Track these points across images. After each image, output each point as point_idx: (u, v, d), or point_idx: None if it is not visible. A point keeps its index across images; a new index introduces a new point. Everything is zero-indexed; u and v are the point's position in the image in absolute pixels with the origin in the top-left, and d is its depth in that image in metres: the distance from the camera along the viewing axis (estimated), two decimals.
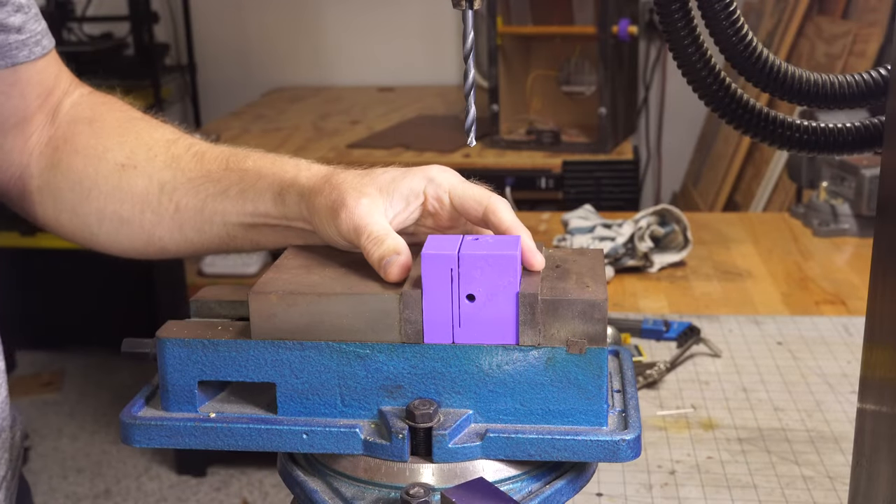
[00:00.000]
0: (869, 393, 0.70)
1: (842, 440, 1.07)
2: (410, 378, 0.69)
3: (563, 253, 0.78)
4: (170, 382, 0.71)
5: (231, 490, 3.03)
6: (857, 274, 1.60)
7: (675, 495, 0.97)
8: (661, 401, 1.17)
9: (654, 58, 3.77)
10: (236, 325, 0.73)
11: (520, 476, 0.69)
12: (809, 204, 1.88)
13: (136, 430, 0.70)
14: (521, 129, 2.90)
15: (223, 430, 0.70)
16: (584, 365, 0.68)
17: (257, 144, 3.18)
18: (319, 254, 0.79)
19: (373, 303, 0.69)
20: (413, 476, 0.67)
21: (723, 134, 3.27)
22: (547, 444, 0.68)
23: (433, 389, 0.69)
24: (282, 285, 0.72)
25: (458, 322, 0.69)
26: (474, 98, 0.72)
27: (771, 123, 0.79)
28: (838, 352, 1.30)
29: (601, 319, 0.67)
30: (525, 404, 0.69)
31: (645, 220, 1.59)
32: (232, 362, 0.70)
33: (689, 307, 1.47)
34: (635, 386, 0.75)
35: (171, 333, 0.72)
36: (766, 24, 3.21)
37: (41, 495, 3.02)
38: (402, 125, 3.18)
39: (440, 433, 0.67)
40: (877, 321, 0.68)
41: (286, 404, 0.70)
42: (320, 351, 0.70)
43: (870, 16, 2.64)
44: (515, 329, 0.68)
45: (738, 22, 0.75)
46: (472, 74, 0.71)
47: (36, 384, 3.68)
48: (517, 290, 0.68)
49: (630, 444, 0.67)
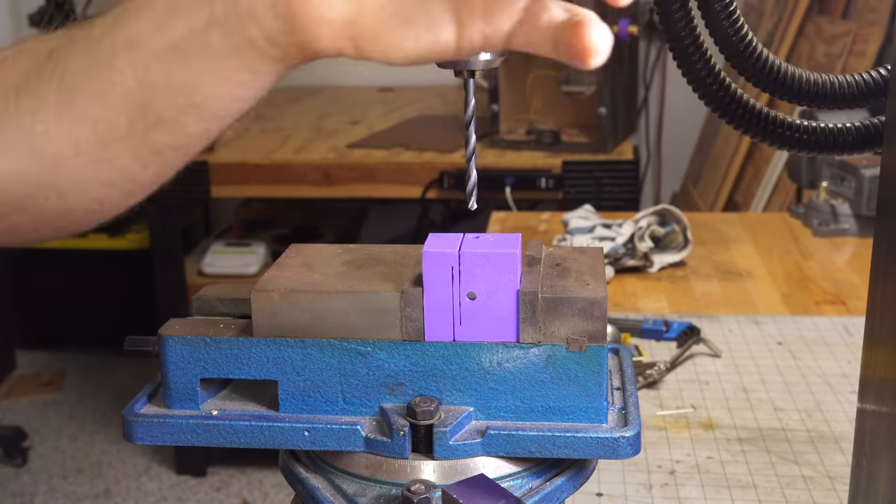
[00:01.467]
0: (869, 393, 0.70)
1: (842, 440, 1.07)
2: (411, 375, 0.70)
3: (563, 251, 0.78)
4: (172, 380, 0.71)
5: (231, 490, 3.03)
6: (857, 274, 1.60)
7: (675, 495, 0.98)
8: (661, 401, 1.17)
9: (654, 58, 3.77)
10: (238, 323, 0.73)
11: (520, 473, 0.69)
12: (809, 204, 1.88)
13: (139, 427, 0.71)
14: (521, 129, 2.90)
15: (225, 428, 0.70)
16: (584, 362, 0.68)
17: (257, 144, 3.17)
18: (321, 252, 0.79)
19: (374, 300, 0.70)
20: (414, 473, 0.68)
21: (723, 134, 3.27)
22: (547, 441, 0.68)
23: (434, 387, 0.70)
24: (283, 283, 0.72)
25: (458, 320, 0.69)
26: (475, 163, 0.72)
27: (771, 123, 0.80)
28: (838, 352, 1.30)
29: (601, 317, 0.68)
30: (525, 401, 0.69)
31: (645, 220, 1.59)
32: (234, 360, 0.71)
33: (689, 307, 1.47)
34: (635, 383, 0.76)
35: (174, 331, 0.72)
36: (766, 24, 3.21)
37: (41, 495, 3.02)
38: (402, 125, 3.18)
39: (441, 430, 0.67)
40: (877, 321, 0.68)
41: (288, 402, 0.71)
42: (322, 348, 0.70)
43: (870, 16, 2.65)
44: (516, 327, 0.68)
45: (738, 22, 0.75)
46: (473, 141, 0.71)
47: (36, 384, 3.68)
48: (517, 288, 0.68)
49: (630, 440, 0.68)
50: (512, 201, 2.65)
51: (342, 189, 2.76)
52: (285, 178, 2.79)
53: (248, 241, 3.30)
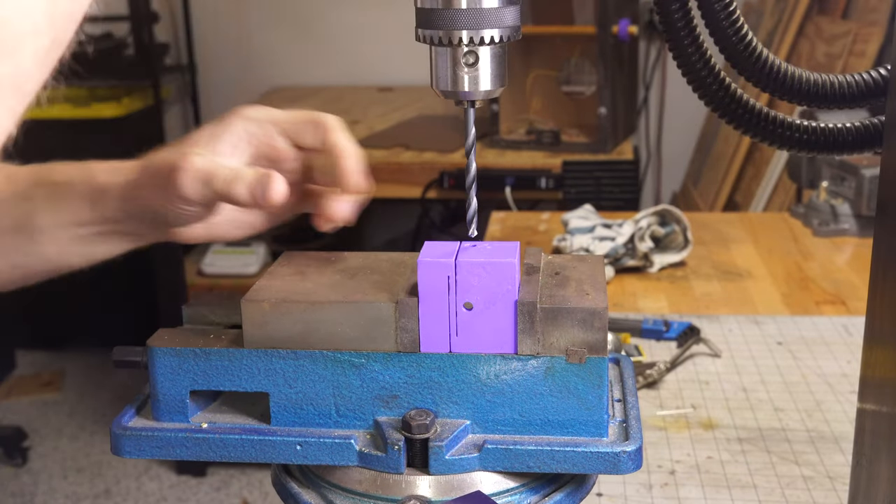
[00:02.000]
0: (869, 393, 0.70)
1: (842, 440, 1.06)
2: (406, 388, 0.68)
3: (563, 259, 0.76)
4: (161, 392, 0.70)
5: (231, 490, 3.02)
6: (857, 274, 1.59)
7: (675, 495, 0.97)
8: (661, 401, 1.16)
9: (654, 58, 3.76)
10: (229, 334, 0.72)
11: (518, 488, 0.68)
12: (809, 204, 1.87)
13: (127, 441, 0.69)
14: (521, 129, 2.89)
15: (215, 441, 0.69)
16: (584, 374, 0.67)
17: None
18: (314, 260, 0.78)
19: (368, 311, 0.68)
20: (409, 488, 0.66)
21: (723, 134, 3.26)
22: (546, 456, 0.66)
23: (430, 399, 0.68)
24: (275, 293, 0.70)
25: (455, 330, 0.67)
26: (476, 190, 0.71)
27: (771, 123, 0.79)
28: (838, 352, 1.29)
29: (601, 328, 0.66)
30: (524, 415, 0.68)
31: (645, 221, 1.58)
32: (224, 371, 0.69)
33: (689, 307, 1.47)
34: (636, 395, 0.74)
35: (163, 342, 0.70)
36: (766, 24, 3.20)
37: (41, 495, 3.01)
38: (402, 125, 3.17)
39: (437, 444, 0.66)
40: (877, 321, 0.68)
41: (280, 414, 0.69)
42: (314, 360, 0.68)
43: (870, 16, 2.63)
44: (514, 338, 0.67)
45: (738, 22, 0.74)
46: (474, 169, 0.70)
47: (36, 384, 3.68)
48: (515, 298, 0.67)
49: (631, 455, 0.66)
50: (512, 201, 2.64)
51: None
52: None
53: (248, 240, 3.28)
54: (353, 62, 4.03)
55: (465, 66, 0.67)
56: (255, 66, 4.09)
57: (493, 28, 0.65)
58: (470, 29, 0.65)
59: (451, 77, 0.68)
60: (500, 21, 0.65)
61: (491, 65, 0.67)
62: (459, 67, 0.67)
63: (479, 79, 0.67)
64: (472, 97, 0.68)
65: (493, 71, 0.67)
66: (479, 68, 0.67)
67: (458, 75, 0.67)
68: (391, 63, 3.99)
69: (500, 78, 0.68)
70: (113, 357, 0.72)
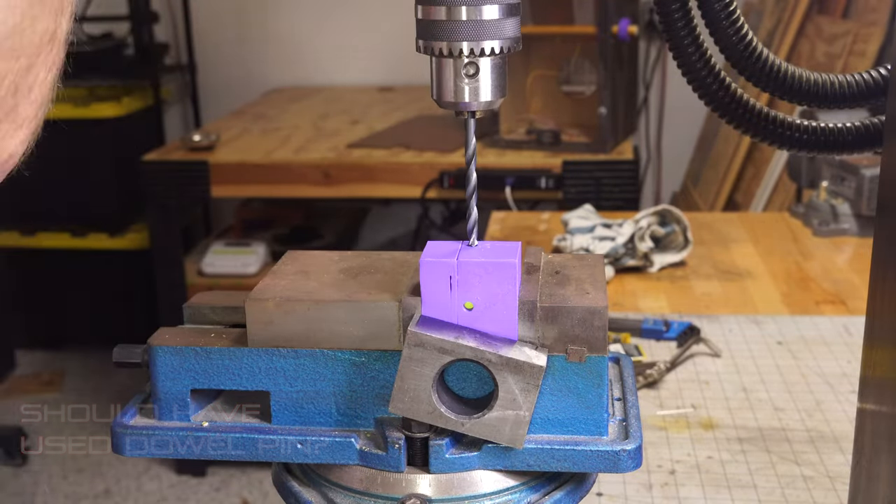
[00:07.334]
0: (869, 393, 0.70)
1: (842, 440, 1.06)
2: None
3: (563, 259, 0.77)
4: (162, 391, 0.70)
5: (231, 490, 3.02)
6: (857, 274, 1.59)
7: (675, 495, 0.97)
8: (661, 401, 1.16)
9: (654, 58, 3.76)
10: (230, 333, 0.72)
11: (518, 487, 0.68)
12: (809, 204, 1.87)
13: (128, 440, 0.70)
14: (521, 128, 2.89)
15: (216, 440, 0.69)
16: (584, 373, 0.67)
17: (257, 144, 3.18)
18: (318, 259, 0.78)
19: (371, 310, 0.68)
20: (410, 487, 0.66)
21: (723, 134, 3.26)
22: (545, 455, 0.67)
23: None
24: (279, 292, 0.71)
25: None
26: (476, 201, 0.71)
27: (771, 123, 0.79)
28: (838, 352, 1.29)
29: (601, 327, 0.66)
30: None
31: (645, 220, 1.58)
32: (225, 370, 0.70)
33: (689, 307, 1.47)
34: (636, 394, 0.74)
35: (164, 341, 0.71)
36: (766, 24, 3.20)
37: (41, 495, 3.01)
38: (402, 125, 3.17)
39: (437, 443, 0.66)
40: (877, 321, 0.68)
41: (280, 413, 0.70)
42: (315, 359, 0.69)
43: (870, 16, 2.64)
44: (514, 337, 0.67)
45: (738, 22, 0.74)
46: (474, 179, 0.70)
47: (36, 384, 3.68)
48: (516, 298, 0.67)
49: (631, 454, 0.66)
50: (512, 201, 2.64)
51: (342, 189, 2.76)
52: (285, 177, 2.78)
53: (248, 240, 3.29)
54: (353, 62, 4.03)
55: (466, 77, 0.67)
56: (255, 66, 4.10)
57: (494, 39, 0.66)
58: (470, 40, 0.66)
59: (451, 88, 0.68)
60: (500, 32, 0.66)
61: (491, 76, 0.67)
62: (460, 78, 0.67)
63: (480, 90, 0.67)
64: (472, 108, 0.68)
65: (494, 82, 0.67)
66: (479, 79, 0.67)
67: (459, 86, 0.68)
68: (391, 63, 3.99)
69: (501, 89, 0.68)
70: (113, 357, 0.73)
